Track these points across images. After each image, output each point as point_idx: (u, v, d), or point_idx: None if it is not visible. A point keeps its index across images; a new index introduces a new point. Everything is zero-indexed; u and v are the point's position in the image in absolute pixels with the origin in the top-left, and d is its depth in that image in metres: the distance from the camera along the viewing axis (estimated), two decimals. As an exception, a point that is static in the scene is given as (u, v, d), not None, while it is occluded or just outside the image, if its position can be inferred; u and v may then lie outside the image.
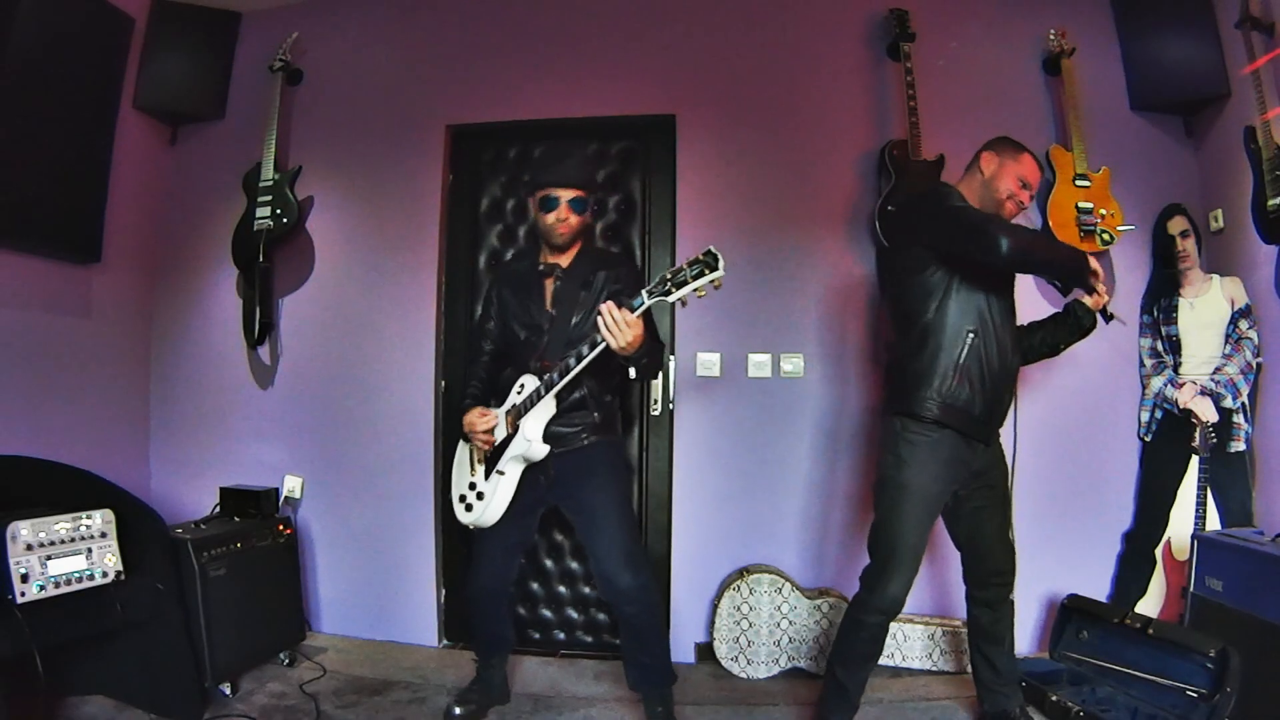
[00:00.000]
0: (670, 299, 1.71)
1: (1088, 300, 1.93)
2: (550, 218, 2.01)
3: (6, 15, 2.31)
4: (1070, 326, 2.00)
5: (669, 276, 1.71)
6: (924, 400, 1.83)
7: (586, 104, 2.85)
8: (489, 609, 2.19)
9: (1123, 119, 2.68)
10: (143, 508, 2.12)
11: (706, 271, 1.67)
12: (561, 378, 1.89)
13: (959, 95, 2.70)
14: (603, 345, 1.78)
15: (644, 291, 1.75)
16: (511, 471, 2.01)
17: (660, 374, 2.71)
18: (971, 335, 1.82)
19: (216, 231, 2.97)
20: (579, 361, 1.84)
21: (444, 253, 2.91)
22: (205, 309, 3.05)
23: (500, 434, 2.03)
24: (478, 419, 2.04)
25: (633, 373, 2.00)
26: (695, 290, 1.69)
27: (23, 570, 1.75)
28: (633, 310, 1.75)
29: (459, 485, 2.16)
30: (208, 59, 3.03)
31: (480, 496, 2.05)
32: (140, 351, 3.05)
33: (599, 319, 1.77)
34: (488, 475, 2.05)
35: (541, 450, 1.96)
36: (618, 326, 1.74)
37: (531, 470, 2.02)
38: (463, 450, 2.19)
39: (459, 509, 2.13)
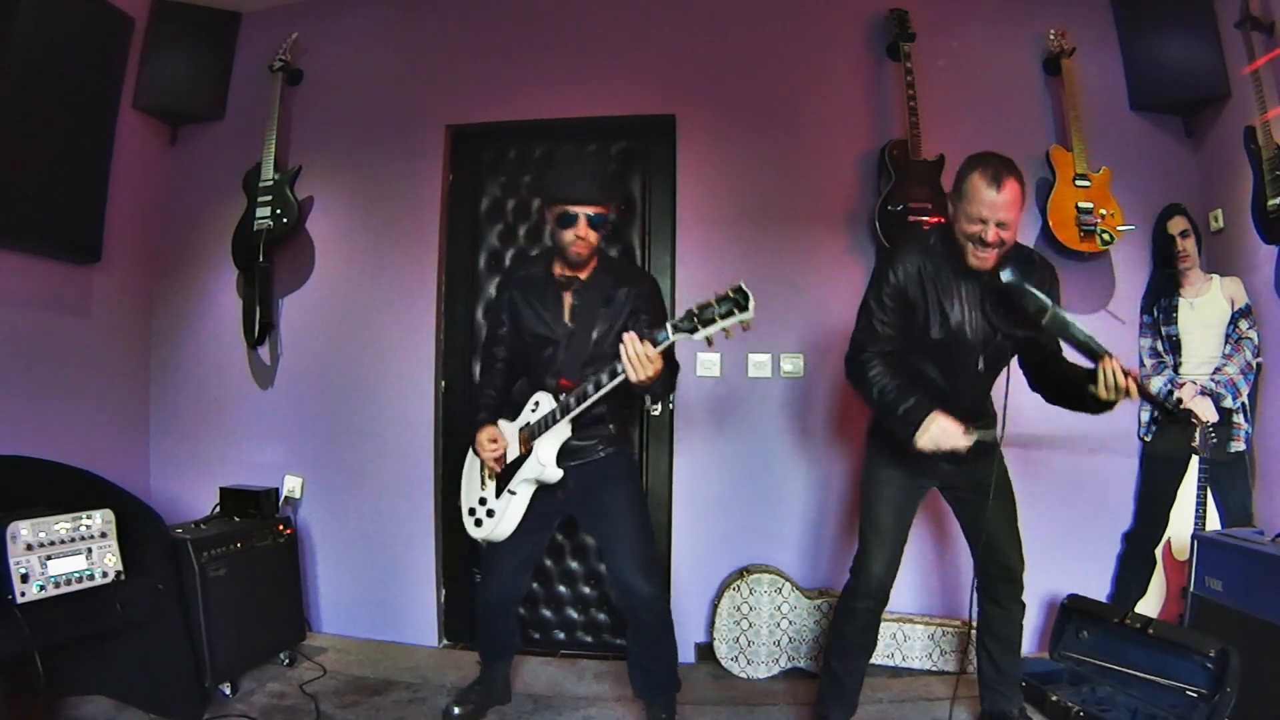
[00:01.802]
0: (695, 337, 1.64)
1: (1097, 386, 1.66)
2: (568, 235, 1.89)
3: (6, 15, 2.31)
4: (1084, 397, 1.73)
5: (695, 312, 1.64)
6: (877, 420, 1.96)
7: (586, 104, 2.85)
8: (497, 621, 2.18)
9: (1123, 119, 2.68)
10: (143, 508, 2.12)
11: (736, 311, 1.60)
12: (579, 403, 1.84)
13: (959, 95, 2.70)
14: (621, 376, 1.74)
15: (669, 326, 1.69)
16: (523, 492, 1.96)
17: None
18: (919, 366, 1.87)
19: (216, 231, 2.96)
20: (598, 389, 1.80)
21: (444, 253, 2.91)
22: (205, 309, 3.05)
23: (513, 453, 1.99)
24: (487, 443, 1.98)
25: (649, 401, 1.98)
26: (723, 330, 1.62)
27: (23, 570, 1.74)
28: (655, 344, 1.69)
29: (468, 498, 2.10)
30: (208, 59, 3.03)
31: (490, 513, 2.01)
32: (140, 351, 3.05)
33: (621, 348, 1.71)
34: (499, 493, 2.00)
35: (555, 474, 1.91)
36: (640, 360, 1.69)
37: (548, 484, 1.96)
38: (472, 460, 2.12)
39: (468, 523, 2.08)
